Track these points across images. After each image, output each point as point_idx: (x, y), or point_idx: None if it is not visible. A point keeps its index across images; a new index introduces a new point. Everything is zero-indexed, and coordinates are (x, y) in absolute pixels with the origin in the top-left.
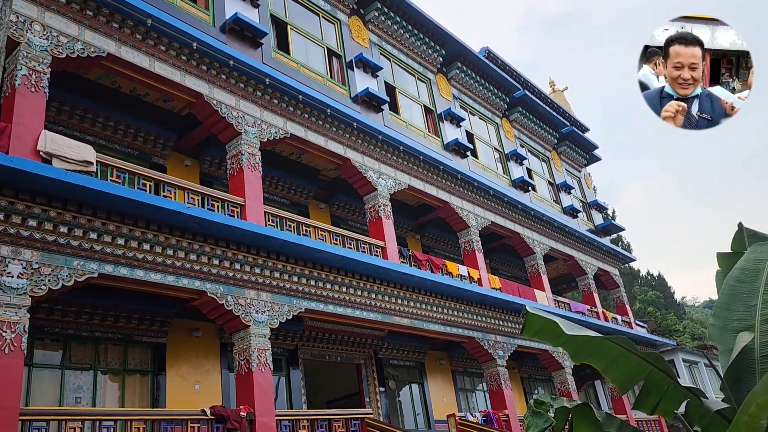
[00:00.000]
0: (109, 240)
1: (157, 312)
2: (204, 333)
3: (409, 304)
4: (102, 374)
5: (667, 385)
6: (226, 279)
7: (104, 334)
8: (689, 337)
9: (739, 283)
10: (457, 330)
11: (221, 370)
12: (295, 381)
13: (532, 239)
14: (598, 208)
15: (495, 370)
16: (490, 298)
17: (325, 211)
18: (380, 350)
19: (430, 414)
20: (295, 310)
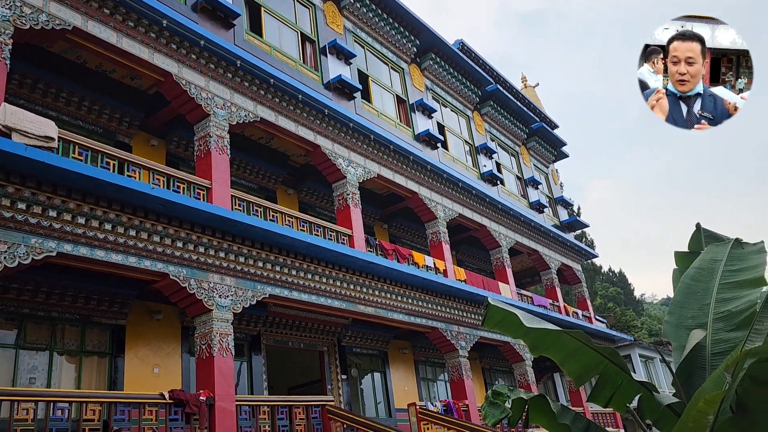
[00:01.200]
0: (69, 218)
1: (117, 293)
2: (165, 316)
3: (374, 293)
4: (58, 355)
5: (621, 380)
6: (189, 262)
7: (61, 314)
8: (646, 333)
9: (695, 282)
10: (420, 320)
11: (182, 354)
12: (257, 367)
13: (499, 232)
14: (564, 204)
15: (457, 360)
16: (454, 290)
17: (293, 197)
18: (343, 338)
19: (392, 403)
20: (259, 296)
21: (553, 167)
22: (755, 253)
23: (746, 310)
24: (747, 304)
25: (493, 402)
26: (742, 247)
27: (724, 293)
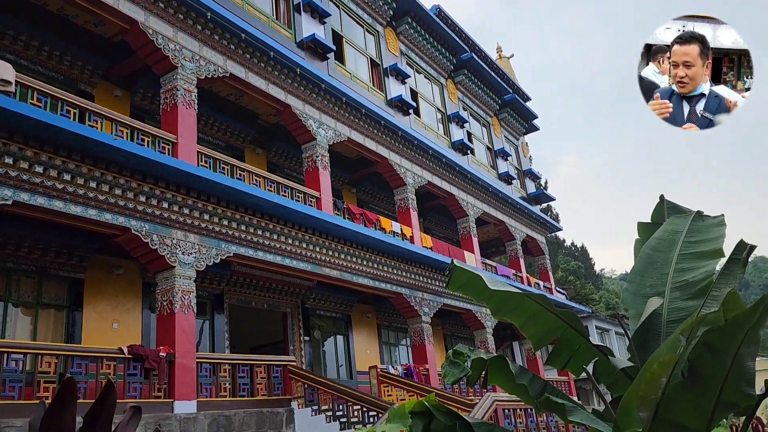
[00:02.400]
0: (26, 166)
1: (76, 246)
2: (126, 271)
3: (340, 257)
4: (13, 306)
5: (579, 344)
6: (152, 217)
7: (17, 264)
8: (604, 306)
9: (655, 252)
10: (385, 285)
11: (142, 310)
12: (219, 326)
13: (467, 202)
14: (532, 176)
15: (419, 326)
16: (420, 256)
17: (261, 157)
18: (308, 300)
19: (353, 365)
20: (224, 254)
21: (523, 140)
22: (715, 225)
23: (703, 280)
24: (704, 274)
25: (454, 361)
26: (702, 220)
27: (683, 263)
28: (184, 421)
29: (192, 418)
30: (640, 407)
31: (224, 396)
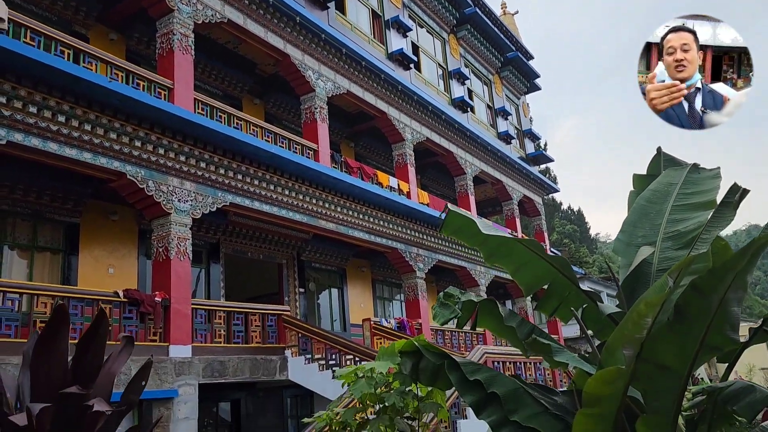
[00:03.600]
0: (20, 106)
1: (72, 190)
2: (121, 217)
3: (336, 210)
4: (9, 249)
5: (569, 291)
6: (148, 163)
7: (12, 207)
8: (597, 270)
9: (649, 203)
10: (381, 240)
11: (138, 257)
12: (215, 275)
13: (465, 160)
14: (532, 137)
15: (414, 281)
16: (417, 212)
17: (259, 107)
18: (303, 252)
19: (347, 318)
20: (220, 203)
21: (524, 99)
22: (711, 178)
23: (695, 230)
24: (696, 225)
25: (444, 303)
26: (698, 172)
27: (676, 214)
28: (179, 365)
29: (187, 362)
30: (624, 346)
31: (219, 342)
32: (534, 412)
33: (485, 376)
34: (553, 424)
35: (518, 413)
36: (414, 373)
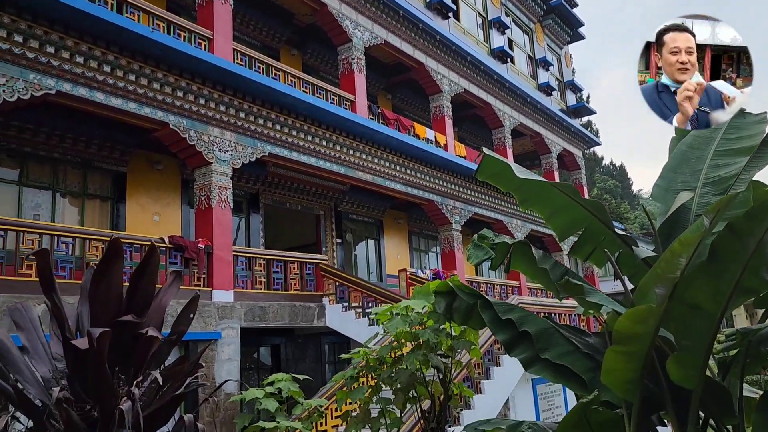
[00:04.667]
0: (67, 56)
1: (118, 140)
2: (165, 167)
3: (373, 161)
4: (61, 196)
5: (604, 235)
6: (189, 113)
7: (63, 156)
8: (638, 226)
9: (691, 149)
10: (417, 191)
11: (181, 206)
12: (255, 225)
13: (503, 112)
14: (574, 88)
15: (450, 233)
16: (453, 164)
17: (296, 58)
18: (340, 204)
19: (383, 269)
20: (259, 153)
21: (566, 49)
22: (756, 123)
23: (736, 176)
24: (738, 170)
25: (478, 244)
26: (744, 117)
27: (717, 159)
28: (222, 309)
29: (229, 307)
30: (657, 285)
31: (259, 289)
32: (565, 350)
33: (517, 316)
34: (584, 363)
35: (549, 351)
36: (448, 312)
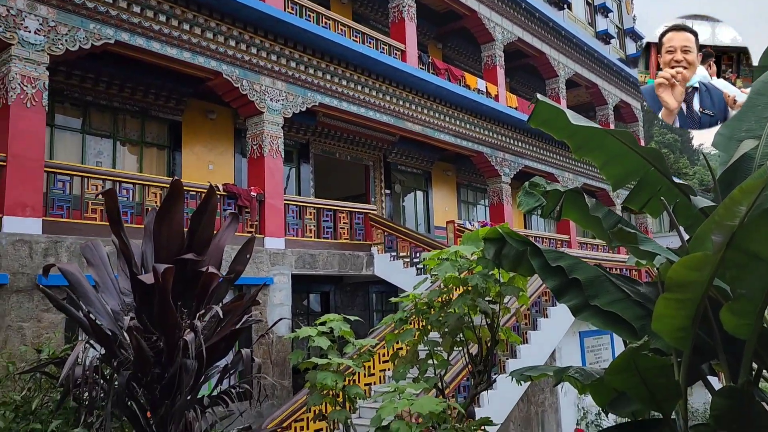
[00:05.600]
0: (125, 6)
1: (174, 89)
2: (219, 116)
3: (423, 111)
4: (121, 144)
5: (661, 185)
6: (242, 62)
7: (122, 104)
8: (697, 182)
9: (757, 96)
10: (467, 143)
11: (234, 155)
12: (305, 175)
13: (558, 61)
14: (634, 36)
15: (499, 186)
16: (504, 115)
17: (346, 7)
18: (389, 155)
19: (431, 220)
20: (309, 103)
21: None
22: None
23: None
24: None
25: (529, 192)
26: None
27: None
28: (274, 256)
29: (281, 254)
30: (714, 233)
31: (309, 237)
32: (615, 298)
33: (568, 263)
34: (634, 310)
35: (599, 298)
36: (497, 258)
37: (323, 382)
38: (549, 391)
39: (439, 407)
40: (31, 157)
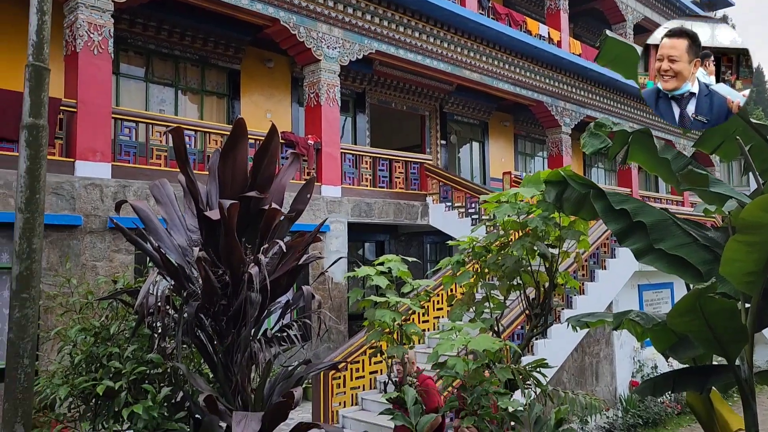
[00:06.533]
0: None
1: (233, 37)
2: (276, 65)
3: (481, 59)
4: (182, 93)
5: (735, 126)
6: (299, 9)
7: (183, 53)
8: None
9: None
10: (526, 92)
11: (291, 103)
12: (361, 124)
13: (626, 5)
14: None
15: (558, 137)
16: (567, 62)
17: None
18: (446, 104)
19: (487, 171)
20: (366, 51)
21: None
22: None
23: None
24: None
25: (594, 133)
26: None
27: None
28: (330, 203)
29: (337, 202)
30: None
31: (365, 186)
32: (681, 242)
33: (632, 206)
34: (700, 254)
35: (664, 242)
36: (558, 201)
37: (382, 319)
38: (605, 343)
39: (495, 345)
40: (100, 103)
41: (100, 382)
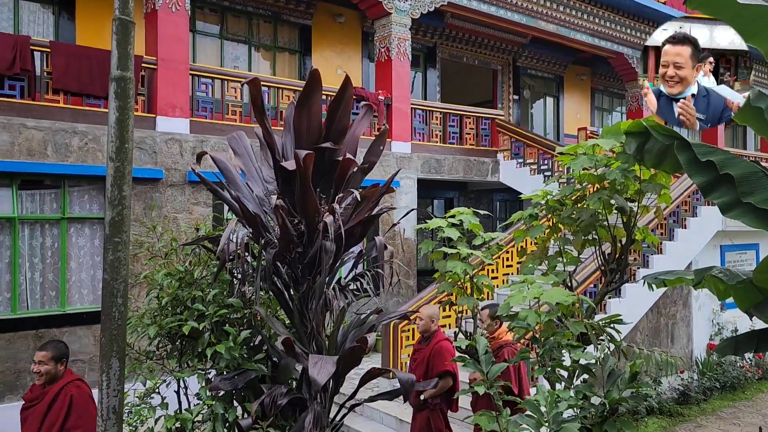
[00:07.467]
0: None
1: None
2: (347, 20)
3: (558, 9)
4: (255, 50)
5: None
6: None
7: (256, 9)
8: None
9: None
10: (605, 43)
11: (362, 59)
12: (431, 79)
13: None
14: None
15: (639, 91)
16: (649, 10)
17: None
18: (519, 58)
19: (561, 127)
20: (438, 2)
21: None
22: None
23: None
24: None
25: None
26: None
27: None
28: (400, 159)
29: (407, 158)
30: None
31: (435, 142)
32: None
33: (719, 158)
34: None
35: (753, 195)
36: (639, 153)
37: (453, 270)
38: (682, 304)
39: (569, 299)
40: (178, 60)
41: (185, 323)
